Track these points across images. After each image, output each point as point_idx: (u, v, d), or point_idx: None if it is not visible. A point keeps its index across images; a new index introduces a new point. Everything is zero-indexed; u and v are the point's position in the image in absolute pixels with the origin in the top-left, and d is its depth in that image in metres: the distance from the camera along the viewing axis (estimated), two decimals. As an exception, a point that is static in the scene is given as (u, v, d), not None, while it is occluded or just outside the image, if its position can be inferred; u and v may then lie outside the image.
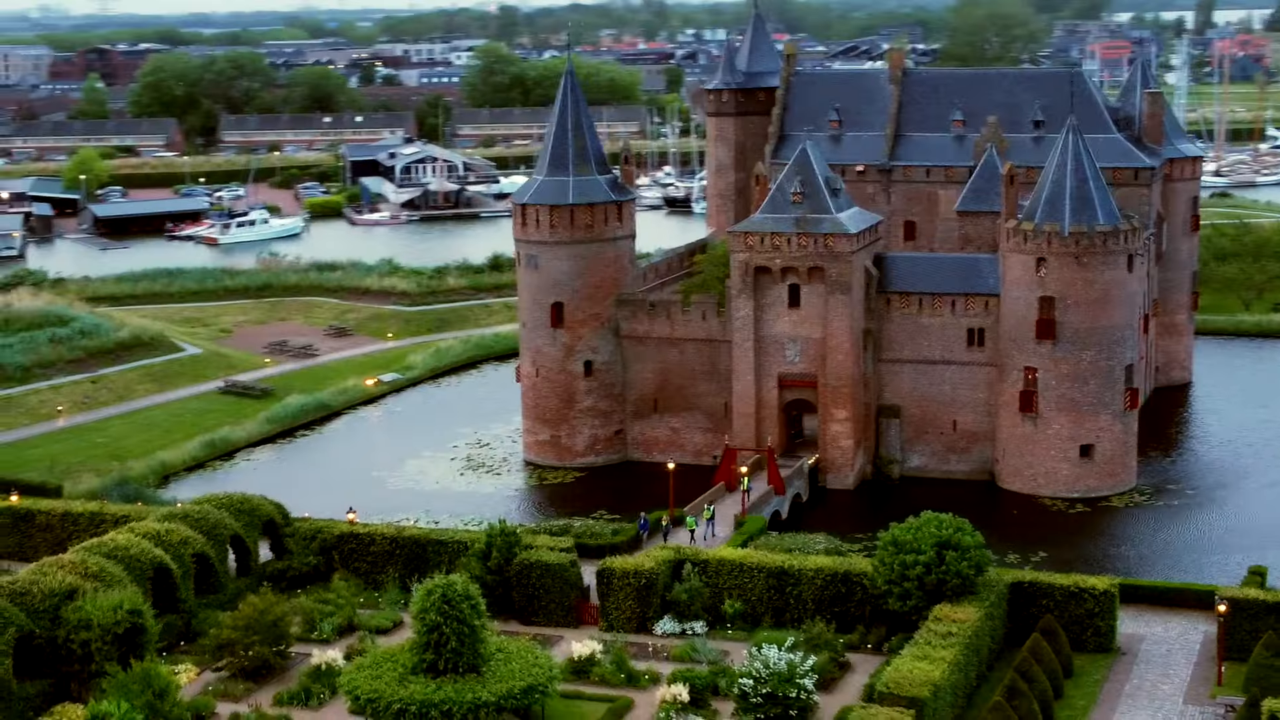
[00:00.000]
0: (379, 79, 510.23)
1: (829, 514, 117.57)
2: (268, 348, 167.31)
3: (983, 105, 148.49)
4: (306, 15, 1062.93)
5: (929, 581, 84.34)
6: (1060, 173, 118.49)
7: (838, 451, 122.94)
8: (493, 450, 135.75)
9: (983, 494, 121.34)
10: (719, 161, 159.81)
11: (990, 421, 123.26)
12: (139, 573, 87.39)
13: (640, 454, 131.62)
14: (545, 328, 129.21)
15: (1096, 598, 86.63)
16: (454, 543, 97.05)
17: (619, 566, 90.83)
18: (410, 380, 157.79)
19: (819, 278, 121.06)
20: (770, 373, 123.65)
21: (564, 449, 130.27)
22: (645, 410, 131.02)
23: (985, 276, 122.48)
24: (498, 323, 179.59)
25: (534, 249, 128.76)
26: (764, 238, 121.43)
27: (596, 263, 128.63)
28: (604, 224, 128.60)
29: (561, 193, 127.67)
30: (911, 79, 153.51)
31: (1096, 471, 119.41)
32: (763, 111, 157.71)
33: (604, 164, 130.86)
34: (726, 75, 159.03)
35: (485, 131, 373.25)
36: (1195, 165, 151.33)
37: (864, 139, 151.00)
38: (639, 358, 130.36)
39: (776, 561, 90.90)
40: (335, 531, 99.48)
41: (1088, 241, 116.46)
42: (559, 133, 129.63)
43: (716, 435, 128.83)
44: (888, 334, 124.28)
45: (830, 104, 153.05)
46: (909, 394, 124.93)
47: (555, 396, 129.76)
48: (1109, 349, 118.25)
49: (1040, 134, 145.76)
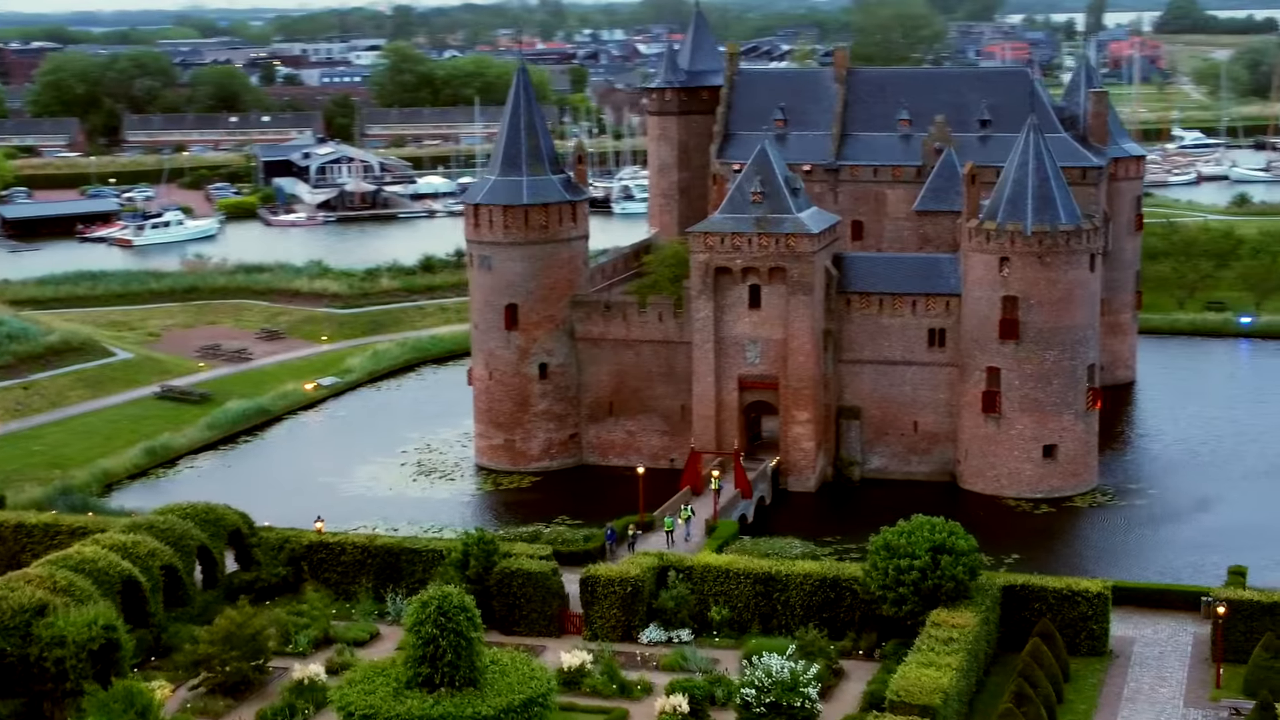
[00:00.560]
0: (280, 79, 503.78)
1: (793, 517, 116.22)
2: (200, 352, 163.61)
3: (929, 105, 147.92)
4: (195, 14, 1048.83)
5: (925, 587, 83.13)
6: (1022, 172, 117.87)
7: (799, 454, 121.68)
8: (443, 455, 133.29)
9: (945, 495, 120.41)
10: (662, 161, 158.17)
11: (951, 422, 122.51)
12: (108, 586, 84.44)
13: (596, 458, 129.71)
14: (499, 330, 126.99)
15: (1090, 600, 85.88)
16: (428, 552, 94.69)
17: (604, 574, 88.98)
18: (349, 384, 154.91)
19: (780, 278, 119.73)
20: (730, 374, 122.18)
21: (518, 453, 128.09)
22: (601, 413, 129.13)
23: (946, 276, 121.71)
24: (432, 325, 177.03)
25: (487, 250, 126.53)
26: (724, 238, 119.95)
27: (551, 264, 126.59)
28: (558, 224, 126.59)
29: (515, 193, 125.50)
30: (856, 78, 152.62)
31: (1059, 472, 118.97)
32: (706, 110, 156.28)
33: (557, 164, 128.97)
34: (669, 74, 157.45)
35: (395, 131, 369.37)
36: (1139, 165, 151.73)
37: (809, 138, 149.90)
38: (594, 360, 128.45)
39: (763, 567, 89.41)
40: (304, 541, 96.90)
41: (1051, 241, 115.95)
42: (511, 132, 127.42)
43: (673, 438, 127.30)
44: (848, 334, 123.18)
45: (775, 103, 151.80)
46: (869, 395, 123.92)
47: (509, 400, 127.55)
48: (1072, 348, 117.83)
49: (987, 133, 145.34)
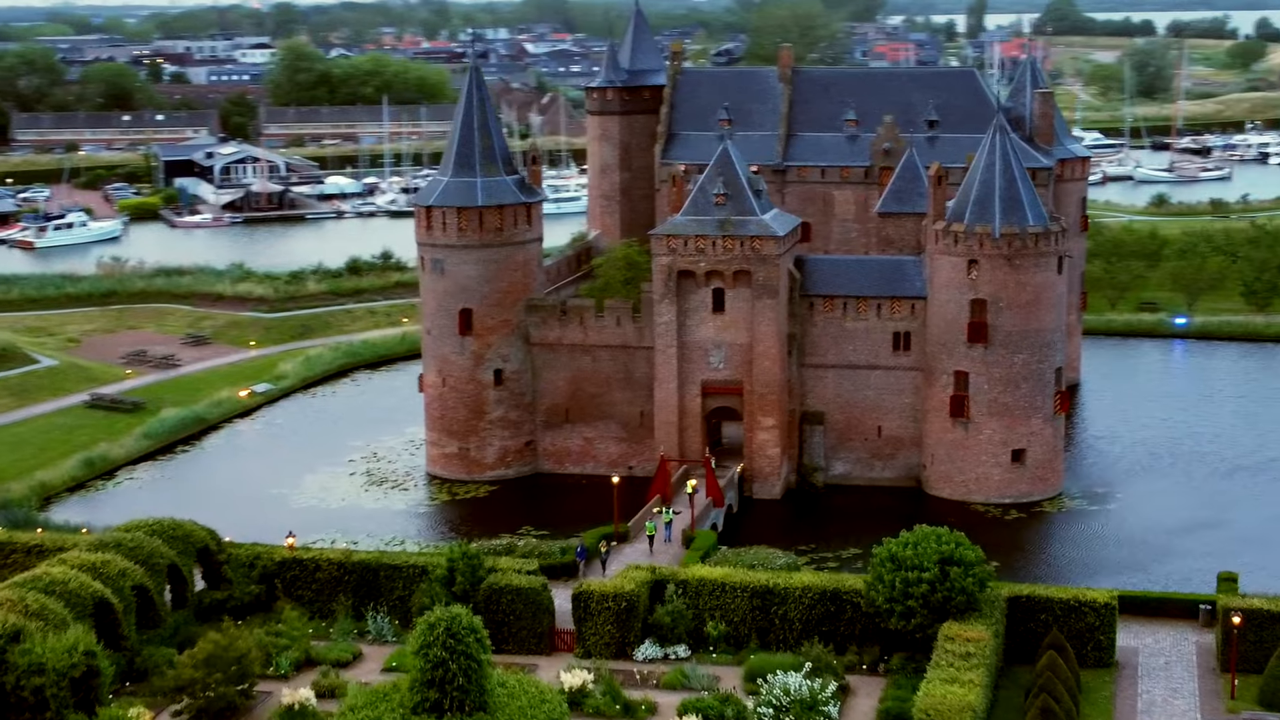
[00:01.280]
0: (166, 77, 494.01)
1: (761, 526, 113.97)
2: (126, 358, 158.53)
3: (876, 105, 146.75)
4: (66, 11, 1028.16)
5: (934, 600, 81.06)
6: (989, 173, 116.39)
7: (764, 460, 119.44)
8: (392, 464, 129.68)
9: (910, 501, 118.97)
10: (603, 161, 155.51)
11: (916, 427, 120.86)
12: (80, 609, 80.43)
13: (551, 465, 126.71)
14: (453, 335, 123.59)
15: (1097, 611, 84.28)
16: (409, 567, 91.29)
17: (597, 589, 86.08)
18: (283, 390, 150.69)
19: (745, 281, 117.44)
20: (693, 380, 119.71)
21: (473, 462, 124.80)
22: (557, 420, 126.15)
23: (911, 279, 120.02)
24: (362, 329, 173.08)
25: (440, 253, 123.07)
26: (687, 240, 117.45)
27: (506, 267, 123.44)
28: (513, 226, 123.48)
29: (469, 194, 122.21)
30: (802, 78, 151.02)
31: (1027, 476, 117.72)
32: (647, 110, 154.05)
33: (511, 164, 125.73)
34: (610, 73, 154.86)
35: (293, 130, 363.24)
36: (1084, 165, 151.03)
37: (755, 139, 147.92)
38: (550, 365, 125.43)
39: (761, 580, 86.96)
40: (275, 557, 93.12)
41: (1020, 243, 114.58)
42: (464, 133, 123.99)
43: (632, 445, 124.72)
44: (811, 338, 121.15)
45: (719, 103, 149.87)
46: (833, 400, 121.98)
47: (464, 407, 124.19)
48: (1040, 351, 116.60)
49: (935, 134, 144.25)
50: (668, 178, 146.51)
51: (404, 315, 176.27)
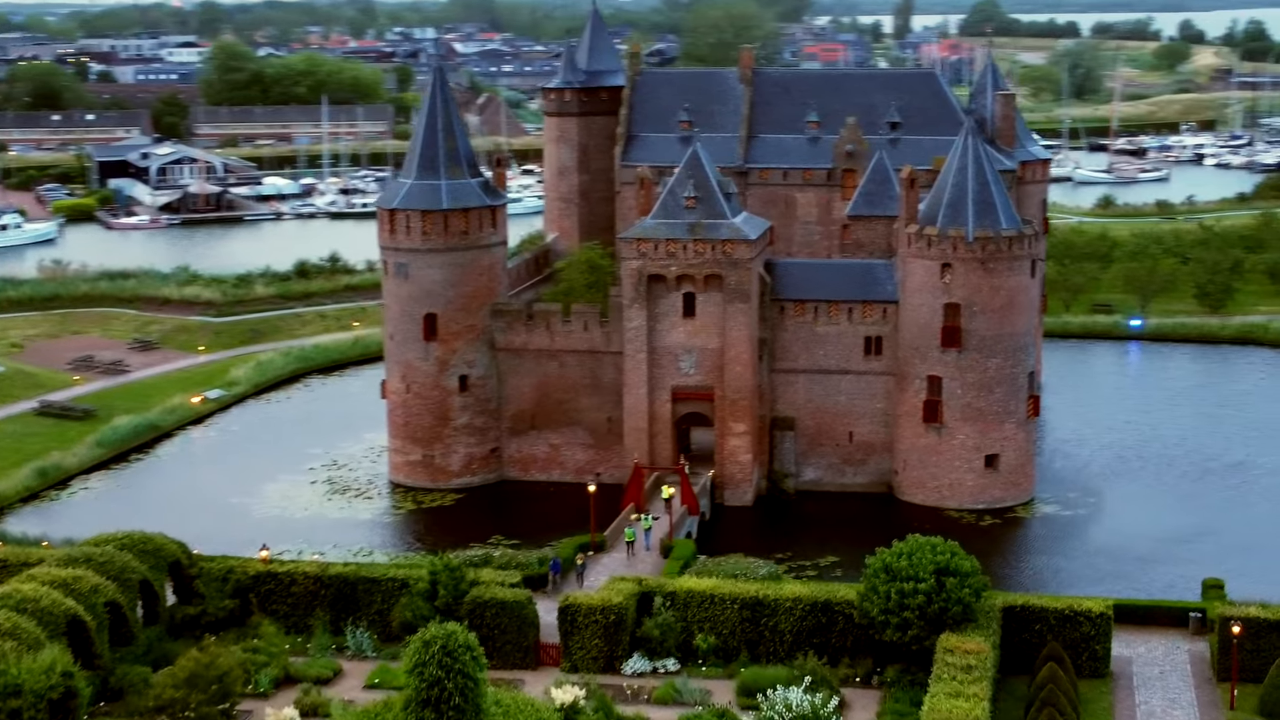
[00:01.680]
0: (93, 76, 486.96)
1: (735, 533, 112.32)
2: (73, 364, 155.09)
3: (837, 106, 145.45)
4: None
5: (931, 611, 79.75)
6: (961, 176, 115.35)
7: (736, 467, 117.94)
8: (353, 471, 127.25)
9: (882, 507, 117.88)
10: (561, 163, 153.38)
11: (888, 432, 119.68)
12: (53, 627, 78.05)
13: (516, 473, 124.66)
14: (417, 341, 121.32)
15: (1093, 620, 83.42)
16: (387, 580, 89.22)
17: (584, 602, 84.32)
18: (236, 397, 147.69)
19: (716, 286, 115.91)
20: (664, 385, 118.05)
21: (438, 469, 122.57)
22: (522, 427, 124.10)
23: (882, 283, 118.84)
24: (313, 333, 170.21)
25: (404, 257, 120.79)
26: (658, 244, 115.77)
27: (471, 271, 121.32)
28: (479, 230, 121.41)
29: (434, 197, 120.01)
30: (762, 79, 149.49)
31: (1001, 482, 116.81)
32: (606, 112, 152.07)
33: (475, 167, 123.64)
34: (568, 74, 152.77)
35: (226, 131, 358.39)
36: (1045, 167, 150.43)
37: (716, 140, 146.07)
38: (516, 371, 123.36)
39: (751, 591, 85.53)
40: (250, 571, 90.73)
41: (994, 247, 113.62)
42: (428, 134, 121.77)
43: (599, 452, 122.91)
44: (781, 343, 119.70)
45: (679, 104, 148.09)
46: (803, 405, 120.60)
47: (428, 414, 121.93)
48: (1014, 355, 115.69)
49: (897, 135, 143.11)
50: (632, 180, 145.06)
51: (355, 319, 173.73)
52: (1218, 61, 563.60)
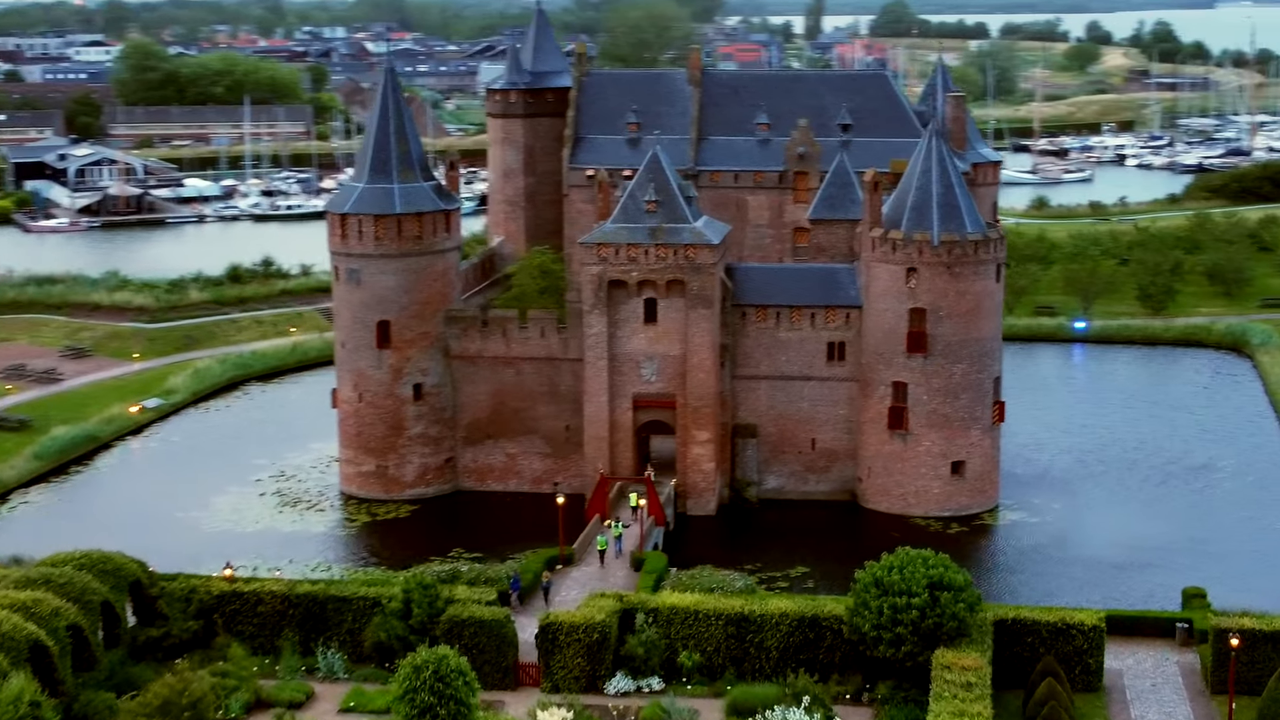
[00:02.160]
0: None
1: (700, 544, 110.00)
2: (4, 373, 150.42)
3: (787, 107, 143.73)
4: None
5: (925, 626, 77.87)
6: (925, 179, 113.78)
7: (699, 476, 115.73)
8: (302, 483, 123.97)
9: (847, 515, 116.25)
10: (506, 166, 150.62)
11: (851, 439, 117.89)
12: (15, 654, 74.56)
13: (472, 483, 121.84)
14: (370, 349, 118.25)
15: (1085, 634, 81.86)
16: (358, 599, 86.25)
17: (566, 620, 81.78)
18: (175, 406, 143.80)
19: (678, 291, 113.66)
20: (624, 393, 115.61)
21: (391, 480, 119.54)
22: (478, 436, 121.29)
23: (845, 288, 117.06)
24: (250, 339, 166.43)
25: (356, 262, 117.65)
26: (619, 249, 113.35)
27: (425, 276, 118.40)
28: (432, 234, 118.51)
29: (387, 201, 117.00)
30: (711, 80, 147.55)
31: (967, 489, 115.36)
32: (552, 113, 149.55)
33: (428, 170, 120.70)
34: (513, 75, 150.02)
35: (142, 131, 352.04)
36: (995, 170, 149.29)
37: (665, 143, 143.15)
38: (471, 379, 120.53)
39: (736, 607, 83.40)
40: (214, 590, 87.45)
41: (960, 251, 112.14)
42: (380, 137, 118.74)
43: (557, 461, 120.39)
44: (743, 349, 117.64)
45: (627, 105, 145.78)
46: (765, 412, 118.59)
47: (382, 423, 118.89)
48: (980, 361, 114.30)
49: (848, 138, 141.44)
50: (581, 182, 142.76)
51: (291, 325, 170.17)
52: (1127, 62, 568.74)
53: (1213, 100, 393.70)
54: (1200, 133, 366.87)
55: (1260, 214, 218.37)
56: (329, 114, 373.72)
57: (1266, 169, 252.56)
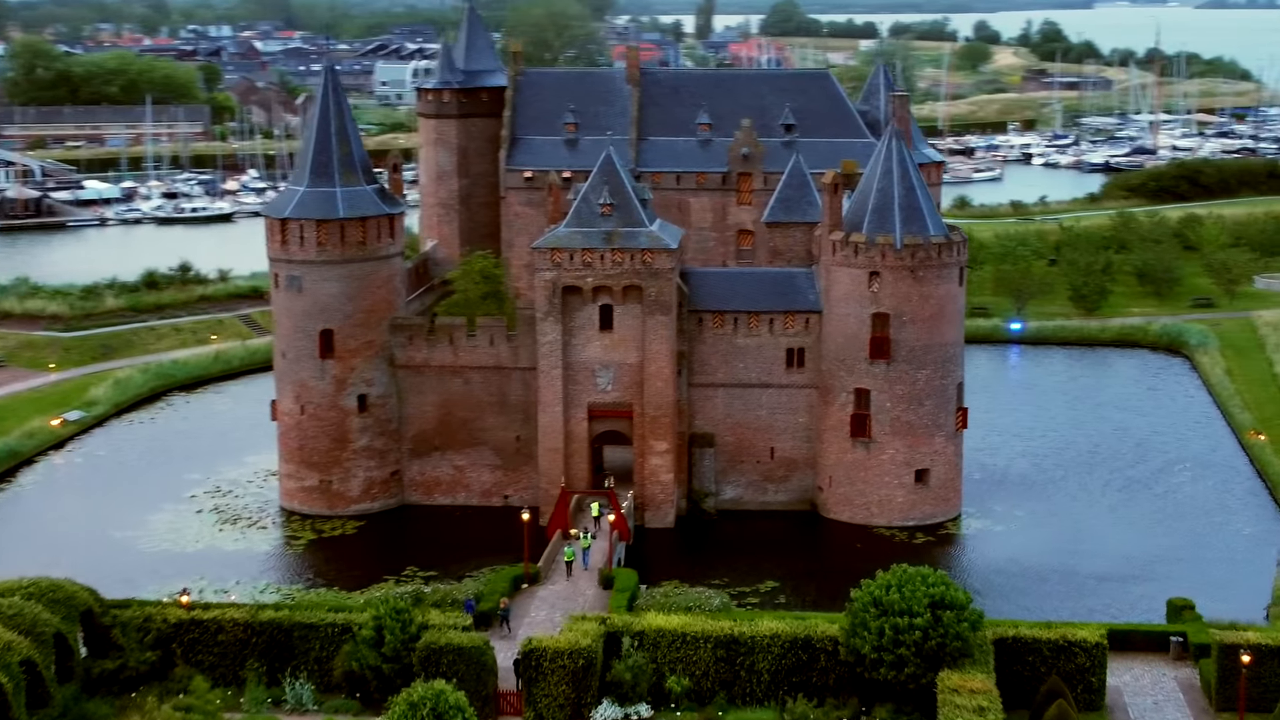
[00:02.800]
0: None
1: (663, 558, 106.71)
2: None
3: (729, 107, 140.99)
4: None
5: (928, 647, 74.94)
6: (886, 181, 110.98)
7: (657, 487, 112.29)
8: (240, 499, 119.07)
9: (809, 526, 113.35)
10: (439, 167, 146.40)
11: (810, 447, 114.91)
12: (-32, 693, 69.69)
13: (419, 497, 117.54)
14: (312, 359, 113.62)
15: (1088, 651, 79.20)
16: (326, 626, 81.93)
17: (550, 646, 77.94)
18: (97, 418, 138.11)
19: (635, 297, 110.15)
20: (579, 403, 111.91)
21: (336, 496, 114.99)
22: (425, 448, 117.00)
23: (804, 292, 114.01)
24: (169, 348, 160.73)
25: (297, 269, 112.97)
26: (573, 254, 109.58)
27: (369, 283, 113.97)
28: (376, 240, 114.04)
29: (329, 206, 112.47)
30: (650, 79, 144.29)
31: (931, 497, 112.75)
32: (486, 113, 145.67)
33: (370, 173, 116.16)
34: (446, 74, 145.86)
35: (34, 132, 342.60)
36: (938, 170, 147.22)
37: (604, 144, 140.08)
38: (417, 389, 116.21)
39: (725, 629, 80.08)
40: (171, 619, 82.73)
41: (923, 254, 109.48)
42: (321, 138, 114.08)
43: (507, 473, 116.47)
44: (699, 356, 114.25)
45: (564, 105, 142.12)
46: (722, 421, 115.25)
47: (325, 436, 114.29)
48: (943, 367, 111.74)
49: (792, 138, 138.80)
50: (518, 184, 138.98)
51: (212, 332, 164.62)
52: (1018, 61, 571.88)
53: (1114, 99, 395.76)
54: (1101, 131, 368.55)
55: (1181, 213, 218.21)
56: (227, 114, 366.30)
57: (1183, 168, 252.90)
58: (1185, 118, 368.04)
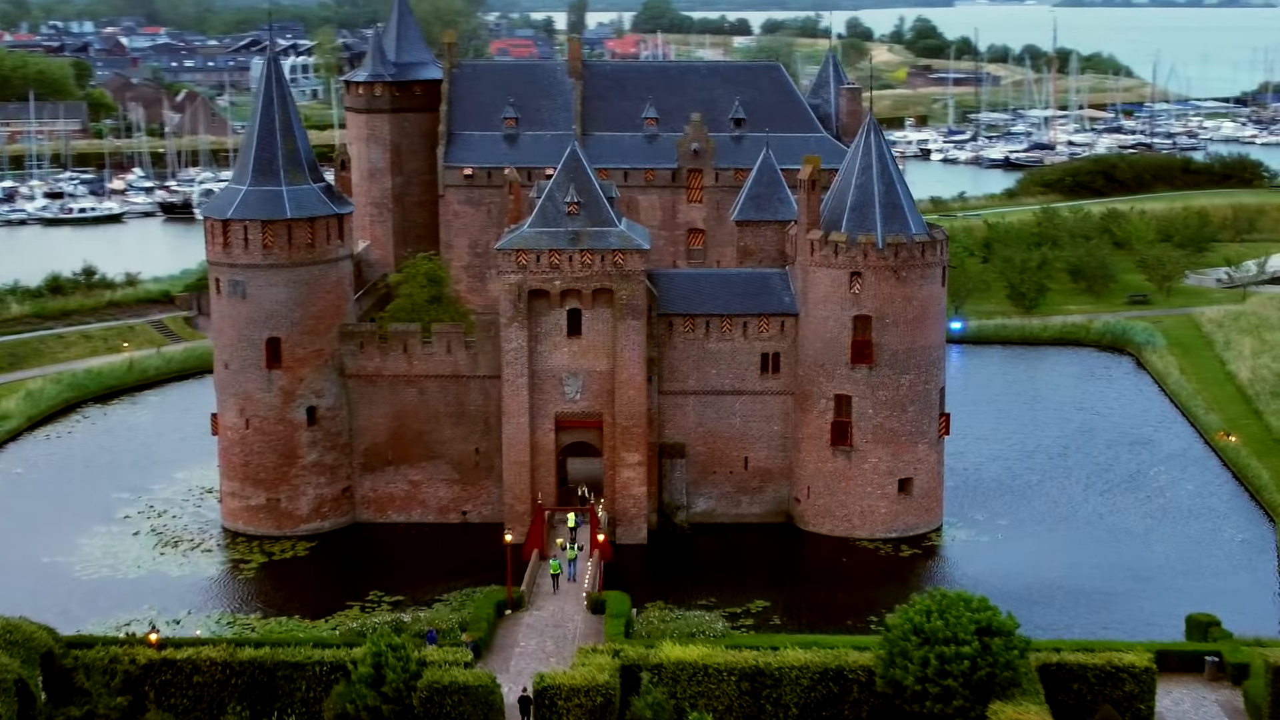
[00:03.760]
0: None
1: (639, 576, 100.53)
2: None
3: (676, 101, 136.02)
4: None
5: (977, 678, 69.73)
6: (865, 177, 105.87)
7: (630, 501, 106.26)
8: (178, 518, 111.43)
9: (787, 539, 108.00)
10: (371, 165, 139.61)
11: (786, 457, 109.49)
12: (-70, 753, 62.26)
13: (371, 514, 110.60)
14: (258, 369, 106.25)
15: (1136, 677, 74.35)
16: (313, 664, 75.11)
17: (565, 682, 71.81)
18: (10, 433, 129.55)
19: (605, 301, 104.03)
20: (546, 413, 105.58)
21: (284, 515, 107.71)
22: (377, 463, 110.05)
23: (778, 294, 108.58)
24: (79, 356, 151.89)
25: (241, 274, 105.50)
26: (540, 255, 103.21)
27: (318, 288, 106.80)
28: (325, 241, 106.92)
29: (276, 205, 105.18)
30: (593, 72, 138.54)
31: (914, 507, 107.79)
32: (420, 108, 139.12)
33: (317, 170, 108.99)
34: (377, 66, 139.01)
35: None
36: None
37: (546, 139, 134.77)
38: (369, 400, 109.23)
39: (749, 660, 74.42)
40: (140, 659, 75.50)
41: (907, 254, 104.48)
42: (264, 134, 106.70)
43: (465, 488, 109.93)
44: (669, 362, 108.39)
45: (503, 99, 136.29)
46: (694, 430, 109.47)
47: (273, 452, 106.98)
48: (927, 371, 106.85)
49: (741, 133, 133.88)
50: (457, 182, 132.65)
51: (123, 340, 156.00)
52: (893, 58, 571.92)
53: (1005, 95, 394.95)
54: (994, 127, 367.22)
55: (1103, 208, 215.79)
56: (103, 111, 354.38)
57: (1100, 163, 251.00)
58: (1077, 113, 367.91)
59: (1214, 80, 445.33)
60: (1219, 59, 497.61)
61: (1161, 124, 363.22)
